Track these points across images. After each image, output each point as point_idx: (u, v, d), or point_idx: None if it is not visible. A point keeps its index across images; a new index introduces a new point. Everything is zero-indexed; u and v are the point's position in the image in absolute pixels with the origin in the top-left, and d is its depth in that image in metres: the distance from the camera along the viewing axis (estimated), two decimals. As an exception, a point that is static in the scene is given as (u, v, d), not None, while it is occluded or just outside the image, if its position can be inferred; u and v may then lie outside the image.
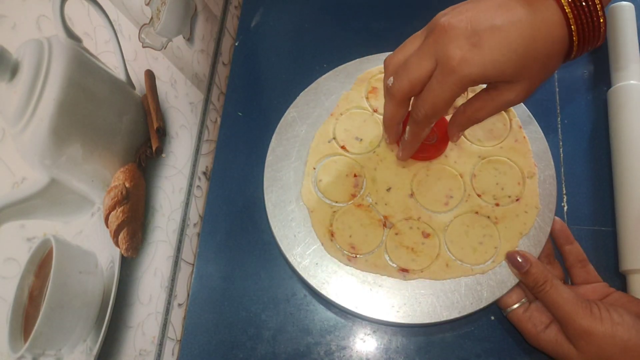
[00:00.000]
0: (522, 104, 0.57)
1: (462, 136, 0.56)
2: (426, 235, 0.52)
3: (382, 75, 0.59)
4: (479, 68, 0.39)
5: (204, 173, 0.60)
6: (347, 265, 0.52)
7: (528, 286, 0.48)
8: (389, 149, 0.56)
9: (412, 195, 0.54)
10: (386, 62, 0.46)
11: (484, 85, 0.44)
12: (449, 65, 0.40)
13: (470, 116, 0.46)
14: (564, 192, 0.55)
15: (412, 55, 0.43)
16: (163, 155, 0.52)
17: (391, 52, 0.45)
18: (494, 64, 0.39)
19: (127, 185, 0.45)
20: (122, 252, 0.45)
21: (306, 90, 0.60)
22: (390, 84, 0.45)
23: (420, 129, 0.47)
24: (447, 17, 0.41)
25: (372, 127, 0.58)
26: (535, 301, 0.49)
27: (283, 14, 0.69)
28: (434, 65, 0.41)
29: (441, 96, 0.42)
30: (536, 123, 0.56)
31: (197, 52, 0.59)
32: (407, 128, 0.49)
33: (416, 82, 0.43)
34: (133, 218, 0.46)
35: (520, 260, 0.48)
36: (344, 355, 0.51)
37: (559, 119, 0.59)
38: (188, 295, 0.55)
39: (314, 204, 0.54)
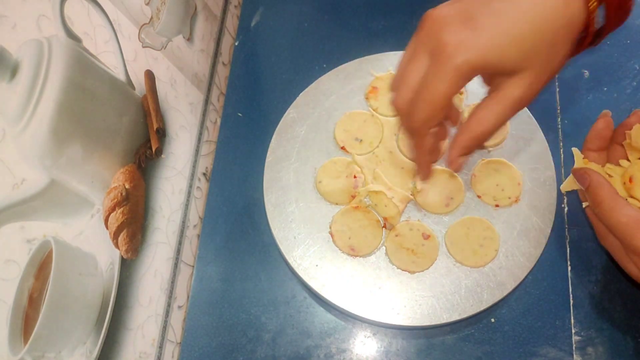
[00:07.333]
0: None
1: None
2: (426, 237, 0.52)
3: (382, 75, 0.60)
4: (478, 52, 0.34)
5: (204, 174, 0.60)
6: (346, 266, 0.52)
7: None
8: (388, 150, 0.56)
9: (412, 196, 0.54)
10: (390, 84, 0.41)
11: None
12: (444, 53, 0.35)
13: (474, 130, 0.38)
14: (564, 193, 0.55)
15: (406, 62, 0.38)
16: (163, 156, 0.52)
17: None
18: (494, 48, 0.34)
19: (127, 186, 0.45)
20: (122, 253, 0.45)
21: (306, 90, 0.60)
22: (392, 101, 0.39)
23: (421, 137, 0.40)
24: (436, 9, 0.36)
25: (371, 128, 0.57)
26: None
27: (283, 13, 0.68)
28: (429, 60, 0.36)
29: (438, 90, 0.35)
30: (536, 123, 0.56)
31: (197, 52, 0.59)
32: (409, 143, 0.42)
33: (416, 86, 0.37)
34: (133, 219, 0.46)
35: (580, 176, 0.45)
36: (344, 358, 0.51)
37: (559, 119, 0.59)
38: (188, 297, 0.55)
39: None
